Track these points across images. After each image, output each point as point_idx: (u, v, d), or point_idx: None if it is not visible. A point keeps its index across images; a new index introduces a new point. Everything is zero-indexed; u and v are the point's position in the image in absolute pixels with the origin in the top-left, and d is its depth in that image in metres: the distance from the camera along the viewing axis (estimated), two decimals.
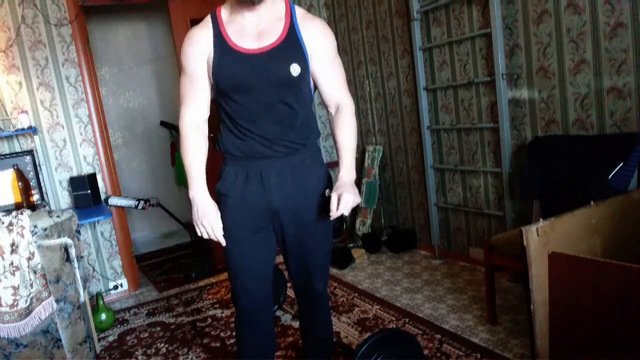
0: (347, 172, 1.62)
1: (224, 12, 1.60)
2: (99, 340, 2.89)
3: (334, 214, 1.54)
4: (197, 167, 1.63)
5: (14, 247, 2.11)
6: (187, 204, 1.73)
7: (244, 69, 1.55)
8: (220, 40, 1.56)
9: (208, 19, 1.60)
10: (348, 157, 1.64)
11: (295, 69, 1.56)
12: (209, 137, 1.73)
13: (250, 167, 1.65)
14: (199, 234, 1.64)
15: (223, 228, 1.64)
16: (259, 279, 1.74)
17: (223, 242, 1.63)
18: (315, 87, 1.73)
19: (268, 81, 1.56)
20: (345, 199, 1.53)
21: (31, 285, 2.14)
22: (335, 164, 4.30)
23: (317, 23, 1.64)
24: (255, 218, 1.68)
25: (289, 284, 3.13)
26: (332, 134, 1.70)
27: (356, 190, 1.58)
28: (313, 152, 1.72)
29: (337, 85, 1.68)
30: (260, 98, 1.58)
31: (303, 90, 1.64)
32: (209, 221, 1.60)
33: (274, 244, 1.78)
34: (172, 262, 4.36)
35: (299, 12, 1.63)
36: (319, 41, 1.61)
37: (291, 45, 1.57)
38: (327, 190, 1.72)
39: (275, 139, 1.62)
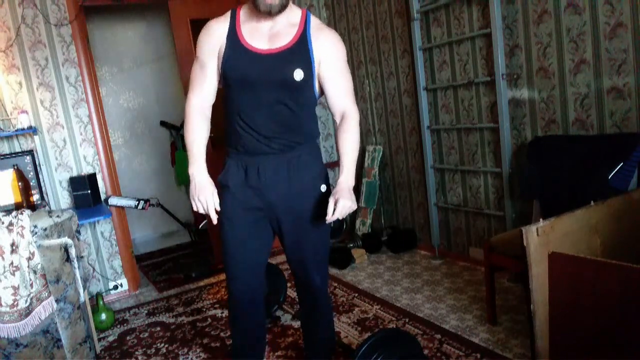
0: (346, 179, 1.67)
1: (243, 11, 1.70)
2: (99, 340, 2.89)
3: (330, 218, 1.60)
4: (198, 145, 1.72)
5: (14, 247, 2.11)
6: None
7: (250, 66, 1.63)
8: (233, 36, 1.66)
9: (228, 14, 1.71)
10: (348, 165, 1.69)
11: (298, 74, 1.62)
12: (210, 138, 1.76)
13: (249, 162, 1.73)
14: (195, 209, 1.71)
15: (223, 216, 1.75)
16: (252, 268, 1.83)
17: (215, 219, 1.71)
18: (322, 92, 1.76)
19: (271, 81, 1.63)
20: (341, 204, 1.59)
21: (31, 285, 2.14)
22: (334, 164, 4.31)
23: (330, 33, 1.71)
24: (252, 210, 1.76)
25: (288, 284, 3.14)
26: (336, 141, 1.75)
27: (353, 197, 1.64)
28: (309, 149, 1.78)
29: (344, 95, 1.73)
30: (261, 96, 1.65)
31: (305, 94, 1.70)
32: (205, 196, 1.68)
33: (269, 237, 1.85)
34: (172, 262, 4.36)
35: (314, 21, 1.70)
36: (329, 50, 1.68)
37: (299, 51, 1.64)
38: (323, 185, 1.76)
39: (272, 137, 1.69)
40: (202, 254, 4.35)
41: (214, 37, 1.68)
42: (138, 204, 3.40)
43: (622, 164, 2.19)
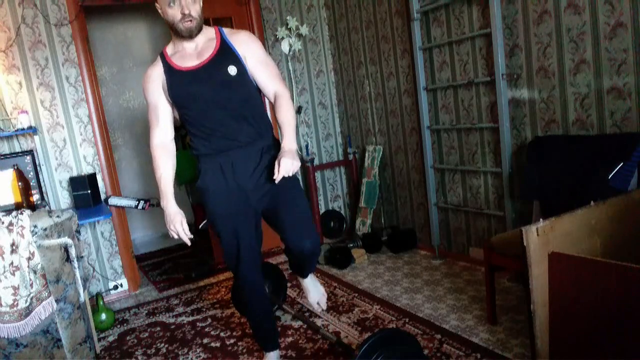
0: (288, 143, 1.89)
1: (168, 49, 1.99)
2: (99, 340, 2.89)
3: (277, 176, 1.81)
4: (166, 181, 2.02)
5: (14, 247, 2.11)
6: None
7: (191, 82, 1.91)
8: (169, 69, 1.95)
9: (158, 58, 1.99)
10: (289, 131, 1.92)
11: (232, 70, 1.91)
12: None
13: (223, 161, 1.99)
14: (170, 236, 2.00)
15: (212, 214, 2.06)
16: (247, 247, 2.08)
17: (188, 242, 1.98)
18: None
19: (213, 84, 1.90)
20: (283, 162, 1.80)
21: (31, 285, 2.14)
22: (338, 164, 4.31)
23: (244, 33, 2.00)
24: (235, 200, 2.01)
25: (289, 284, 3.14)
26: (275, 116, 1.98)
27: (296, 156, 1.86)
28: (270, 142, 2.04)
29: (272, 79, 1.99)
30: (212, 100, 1.91)
31: (248, 89, 1.96)
32: (175, 225, 1.97)
33: (257, 221, 2.10)
34: (172, 262, 4.36)
35: (226, 30, 1.98)
36: (248, 46, 1.96)
37: (225, 53, 1.92)
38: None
39: (234, 132, 1.95)
40: (202, 254, 4.35)
41: (154, 78, 1.97)
42: (138, 204, 3.40)
43: (622, 164, 2.19)
